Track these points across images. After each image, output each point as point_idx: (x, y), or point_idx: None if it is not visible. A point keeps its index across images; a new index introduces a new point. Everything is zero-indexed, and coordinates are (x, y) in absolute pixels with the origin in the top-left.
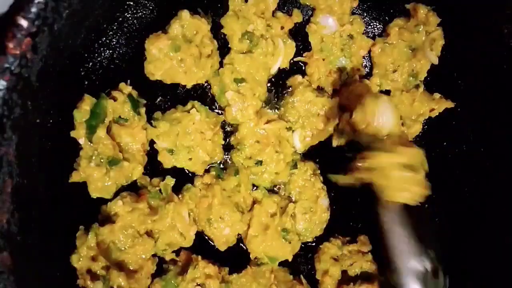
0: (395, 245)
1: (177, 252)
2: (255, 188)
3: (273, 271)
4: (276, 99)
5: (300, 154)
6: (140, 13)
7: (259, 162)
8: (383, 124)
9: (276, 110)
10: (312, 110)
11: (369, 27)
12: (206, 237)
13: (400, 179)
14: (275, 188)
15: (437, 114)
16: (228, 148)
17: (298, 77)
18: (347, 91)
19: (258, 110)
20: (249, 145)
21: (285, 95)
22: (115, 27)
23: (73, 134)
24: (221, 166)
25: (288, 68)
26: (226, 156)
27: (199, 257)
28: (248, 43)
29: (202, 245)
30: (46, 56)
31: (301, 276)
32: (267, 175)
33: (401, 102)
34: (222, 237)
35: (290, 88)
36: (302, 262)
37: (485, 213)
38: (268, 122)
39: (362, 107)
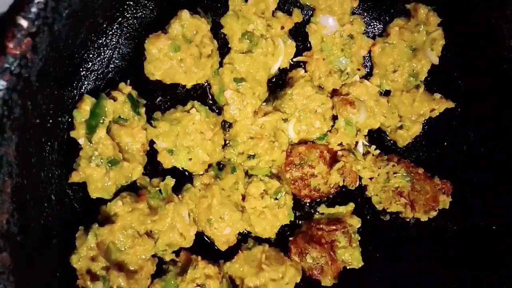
0: None
1: (177, 253)
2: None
3: (264, 252)
4: (273, 99)
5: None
6: (140, 13)
7: (252, 156)
8: None
9: (271, 102)
10: (310, 106)
11: (369, 27)
12: (206, 237)
13: None
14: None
15: (437, 114)
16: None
17: (301, 71)
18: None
19: (256, 109)
20: (242, 141)
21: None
22: (115, 27)
23: (73, 134)
24: (219, 165)
25: (288, 68)
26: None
27: (199, 257)
28: (248, 43)
29: (202, 245)
30: (46, 56)
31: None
32: (263, 163)
33: (401, 102)
34: (223, 237)
35: (291, 80)
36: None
37: (486, 212)
38: (264, 115)
39: None
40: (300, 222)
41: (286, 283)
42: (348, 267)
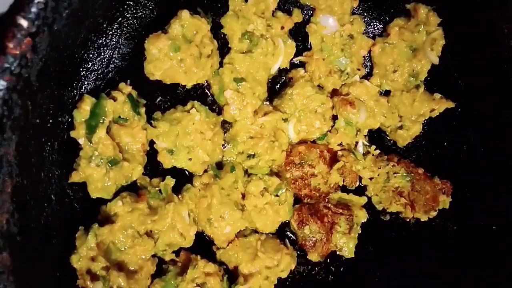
0: None
1: (177, 253)
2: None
3: (260, 239)
4: (273, 99)
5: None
6: (140, 13)
7: (251, 156)
8: None
9: (272, 103)
10: (310, 106)
11: (369, 27)
12: (206, 236)
13: None
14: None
15: (437, 114)
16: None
17: (301, 71)
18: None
19: (256, 109)
20: (242, 141)
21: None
22: (115, 27)
23: (73, 134)
24: (219, 164)
25: (288, 68)
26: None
27: (198, 256)
28: (248, 43)
29: (202, 245)
30: (46, 56)
31: (286, 241)
32: (263, 163)
33: (401, 102)
34: (223, 235)
35: (291, 80)
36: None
37: (486, 212)
38: (264, 114)
39: None
40: None
41: (281, 271)
42: (338, 253)
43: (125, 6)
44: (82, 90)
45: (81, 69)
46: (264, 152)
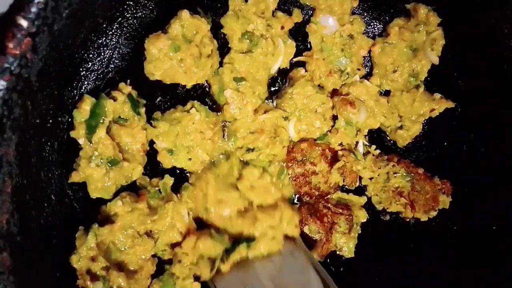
0: None
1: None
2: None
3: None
4: (273, 98)
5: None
6: (140, 13)
7: (251, 150)
8: None
9: (272, 101)
10: (310, 106)
11: (369, 27)
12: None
13: None
14: None
15: (437, 114)
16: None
17: (301, 70)
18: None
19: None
20: (241, 136)
21: (286, 86)
22: (115, 27)
23: (73, 134)
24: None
25: (288, 68)
26: None
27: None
28: (248, 42)
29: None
30: (46, 56)
31: None
32: (263, 156)
33: (401, 102)
34: (223, 218)
35: (291, 80)
36: None
37: (486, 212)
38: (265, 112)
39: None
40: None
41: (286, 226)
42: (338, 253)
43: (125, 6)
44: (82, 90)
45: (81, 69)
46: (264, 146)
